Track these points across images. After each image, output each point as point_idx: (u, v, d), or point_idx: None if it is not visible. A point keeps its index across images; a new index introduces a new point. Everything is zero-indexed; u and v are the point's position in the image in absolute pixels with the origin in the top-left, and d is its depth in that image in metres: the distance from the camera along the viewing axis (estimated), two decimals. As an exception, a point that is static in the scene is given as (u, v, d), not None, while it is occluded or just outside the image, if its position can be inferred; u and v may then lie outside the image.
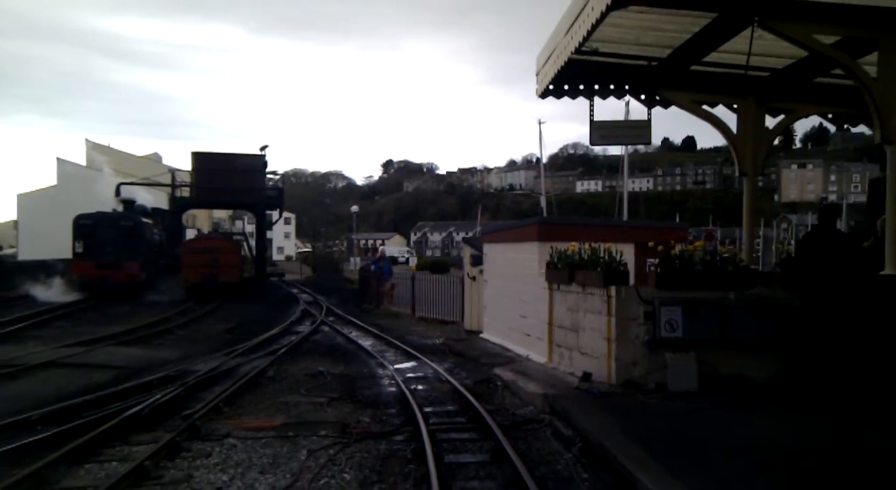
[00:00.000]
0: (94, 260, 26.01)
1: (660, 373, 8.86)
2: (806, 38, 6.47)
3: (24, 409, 8.40)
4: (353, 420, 8.54)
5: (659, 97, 9.43)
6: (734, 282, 8.97)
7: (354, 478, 6.38)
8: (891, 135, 6.43)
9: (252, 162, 32.20)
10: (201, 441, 7.43)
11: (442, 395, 10.25)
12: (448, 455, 7.08)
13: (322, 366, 12.22)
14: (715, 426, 7.22)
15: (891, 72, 6.38)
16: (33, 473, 6.00)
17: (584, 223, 14.88)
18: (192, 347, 14.61)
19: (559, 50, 8.15)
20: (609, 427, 7.22)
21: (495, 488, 6.18)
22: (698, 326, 8.86)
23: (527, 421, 8.47)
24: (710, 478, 5.48)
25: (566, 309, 10.85)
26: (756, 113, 9.26)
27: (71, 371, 11.24)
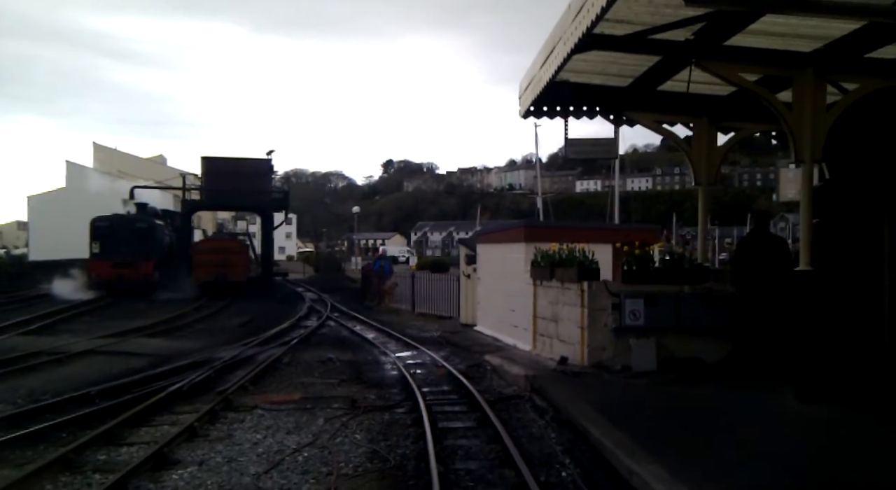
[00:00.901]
0: (111, 260, 27.43)
1: (625, 356, 10.29)
2: (733, 76, 7.89)
3: (80, 388, 9.84)
4: (361, 397, 9.96)
5: (625, 117, 10.85)
6: (689, 277, 10.42)
7: (364, 438, 7.81)
8: (802, 155, 7.85)
9: (259, 166, 33.69)
10: (234, 411, 8.87)
11: (438, 377, 11.68)
12: (441, 422, 8.51)
13: (331, 354, 13.68)
14: (662, 396, 8.67)
15: (801, 104, 7.78)
16: (105, 432, 7.44)
17: (566, 226, 16.34)
18: (212, 339, 16.06)
19: (536, 79, 9.57)
20: (576, 399, 8.65)
21: (479, 444, 7.60)
22: (658, 316, 10.29)
23: (510, 397, 9.89)
24: (642, 427, 6.93)
25: (548, 302, 12.29)
26: (709, 131, 10.69)
27: (110, 358, 12.71)
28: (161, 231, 30.66)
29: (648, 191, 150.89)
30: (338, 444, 7.55)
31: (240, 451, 7.12)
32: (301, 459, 6.91)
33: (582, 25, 7.07)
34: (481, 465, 6.79)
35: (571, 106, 10.71)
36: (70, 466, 6.43)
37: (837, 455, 6.19)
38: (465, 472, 6.56)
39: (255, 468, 6.57)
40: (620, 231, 13.97)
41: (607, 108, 10.72)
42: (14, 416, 8.15)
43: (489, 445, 7.52)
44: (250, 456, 6.98)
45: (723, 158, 10.87)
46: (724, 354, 10.26)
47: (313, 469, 6.60)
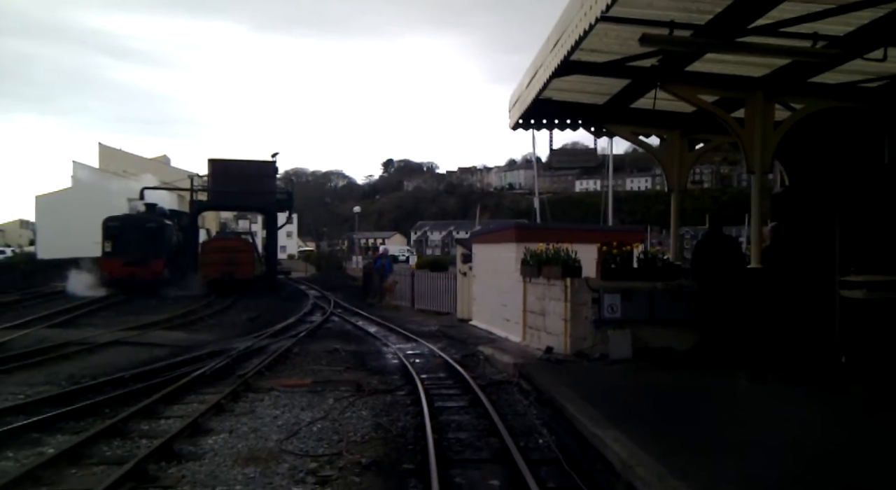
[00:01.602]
0: (122, 258, 28.54)
1: (604, 345, 11.41)
2: (693, 98, 8.99)
3: (113, 373, 10.97)
4: (365, 381, 11.07)
5: (605, 129, 11.98)
6: (661, 274, 11.55)
7: (369, 414, 8.92)
8: (753, 167, 8.96)
9: (264, 168, 34.84)
10: (254, 392, 10.00)
11: (435, 365, 12.81)
12: (437, 402, 9.62)
13: (336, 345, 14.81)
14: (632, 380, 9.80)
15: (752, 122, 8.88)
16: (144, 408, 8.56)
17: (554, 227, 17.49)
18: (224, 332, 17.18)
19: (523, 97, 10.70)
20: (556, 382, 9.75)
21: (469, 419, 8.72)
22: (633, 309, 11.41)
23: (499, 382, 11.00)
24: (612, 404, 8.05)
25: (536, 298, 13.41)
26: (680, 142, 11.80)
27: (134, 348, 13.85)
28: (170, 231, 31.78)
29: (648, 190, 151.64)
30: (346, 418, 8.66)
31: (262, 423, 8.24)
32: (315, 430, 8.03)
33: (560, 54, 8.18)
34: (471, 435, 7.91)
35: (556, 119, 11.84)
36: (119, 434, 7.55)
37: (765, 419, 7.33)
38: (456, 440, 7.68)
39: (277, 435, 7.69)
40: (604, 232, 15.11)
41: (588, 122, 11.84)
42: (60, 395, 9.27)
43: (479, 420, 8.64)
44: (271, 427, 8.10)
45: (692, 166, 11.97)
46: (692, 344, 11.38)
47: (326, 437, 7.72)
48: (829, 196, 10.77)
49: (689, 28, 7.27)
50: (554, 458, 6.98)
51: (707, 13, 7.07)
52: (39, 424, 7.77)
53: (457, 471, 6.60)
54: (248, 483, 6.09)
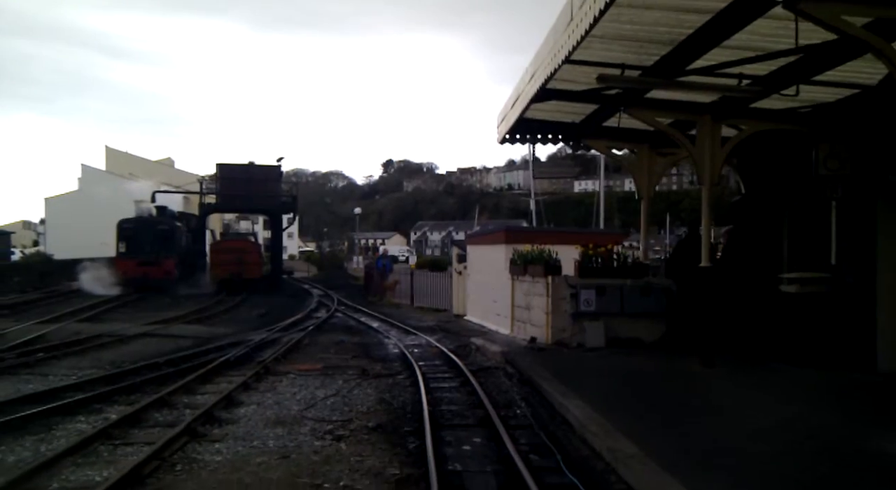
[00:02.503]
0: (136, 258, 30.03)
1: (581, 335, 12.91)
2: (651, 120, 10.47)
3: (147, 359, 12.45)
4: (370, 367, 12.56)
5: (583, 143, 13.48)
6: (631, 273, 13.04)
7: (374, 392, 10.40)
8: (703, 179, 10.44)
9: (269, 172, 36.37)
10: (273, 375, 11.49)
11: (432, 354, 14.29)
12: (433, 383, 11.09)
13: (342, 337, 16.32)
14: (603, 364, 11.30)
15: (702, 141, 10.36)
16: (182, 386, 10.04)
17: (540, 230, 19.00)
18: (239, 326, 18.67)
19: (507, 117, 12.18)
20: (536, 366, 11.24)
21: (460, 396, 10.19)
22: (606, 303, 12.90)
23: (488, 367, 12.48)
24: (579, 382, 9.53)
25: (522, 294, 14.91)
26: (649, 155, 13.29)
27: (161, 339, 15.35)
28: (180, 232, 33.27)
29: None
30: (354, 395, 10.15)
31: (284, 398, 9.74)
32: (329, 403, 9.52)
33: (536, 84, 9.67)
34: (460, 407, 9.40)
35: (538, 135, 13.35)
36: (166, 405, 9.04)
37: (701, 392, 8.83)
38: (447, 411, 9.16)
39: (297, 407, 9.18)
40: (585, 234, 16.61)
41: (567, 137, 13.35)
42: (107, 377, 10.77)
43: (467, 397, 10.13)
44: (292, 401, 9.59)
45: (661, 176, 13.47)
46: (660, 335, 12.89)
47: (338, 408, 9.21)
48: (777, 204, 12.30)
49: (639, 69, 8.76)
50: (528, 424, 8.46)
51: (654, 56, 8.55)
52: (98, 398, 9.27)
53: (447, 432, 8.08)
54: (278, 438, 7.58)
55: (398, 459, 6.91)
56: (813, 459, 6.03)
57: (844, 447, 6.39)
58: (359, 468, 6.57)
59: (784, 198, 12.05)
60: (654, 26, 7.64)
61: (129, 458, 6.60)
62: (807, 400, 8.42)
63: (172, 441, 7.11)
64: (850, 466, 5.87)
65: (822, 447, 6.39)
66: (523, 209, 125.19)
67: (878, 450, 6.19)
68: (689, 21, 7.38)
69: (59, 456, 6.55)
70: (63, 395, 9.28)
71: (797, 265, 11.58)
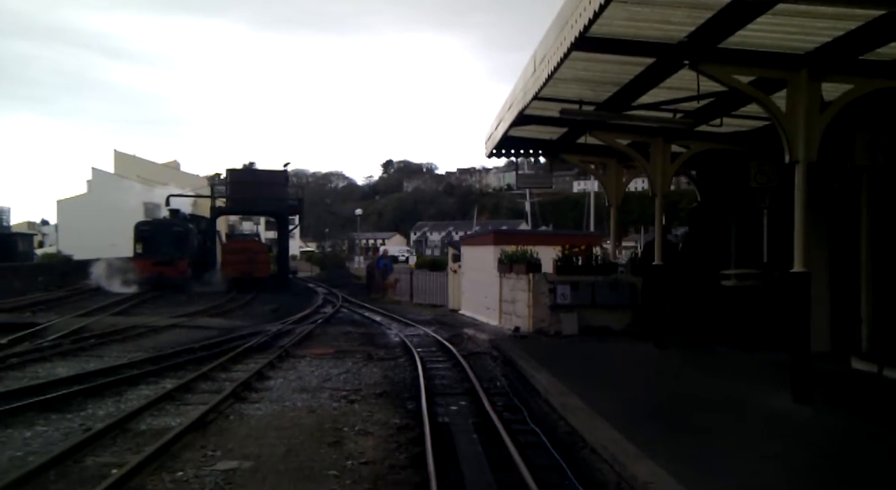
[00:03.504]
0: (152, 259, 31.96)
1: (558, 324, 14.87)
2: (612, 141, 12.44)
3: (183, 345, 14.41)
4: (375, 352, 14.52)
5: (559, 157, 15.46)
6: (602, 270, 15.02)
7: (379, 370, 12.36)
8: (655, 190, 12.39)
9: (276, 176, 38.39)
10: (293, 357, 13.46)
11: (429, 342, 16.25)
12: (429, 364, 13.04)
13: (349, 328, 18.28)
14: (574, 347, 13.26)
15: (655, 158, 12.31)
16: (218, 365, 12.00)
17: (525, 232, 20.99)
18: (255, 319, 20.64)
19: (493, 136, 14.14)
20: (518, 350, 13.20)
21: (451, 374, 12.15)
22: (580, 297, 14.87)
23: (477, 352, 14.44)
24: (550, 360, 11.49)
25: (508, 289, 16.88)
26: (617, 168, 15.26)
27: (189, 330, 17.32)
28: (192, 234, 35.20)
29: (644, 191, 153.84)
30: (363, 373, 12.12)
31: (304, 374, 11.71)
32: (341, 378, 11.48)
33: (514, 112, 11.62)
34: (451, 382, 11.36)
35: (521, 150, 15.34)
36: (209, 378, 11.00)
37: (648, 366, 10.80)
38: (440, 384, 11.13)
39: (316, 380, 11.15)
40: (565, 236, 18.59)
41: (546, 152, 15.33)
42: (153, 358, 12.74)
43: (458, 374, 12.09)
44: (311, 376, 11.55)
45: (626, 186, 15.46)
46: (626, 323, 14.87)
47: (350, 381, 11.18)
48: (725, 210, 14.28)
49: (595, 104, 10.74)
50: (505, 392, 10.43)
51: (606, 93, 10.51)
52: (152, 373, 11.25)
53: (439, 398, 10.03)
54: (304, 401, 9.55)
55: (399, 415, 8.89)
56: (709, 411, 7.99)
57: (738, 404, 8.36)
58: (369, 419, 8.55)
59: (730, 206, 14.02)
60: (602, 73, 9.60)
61: (192, 411, 8.56)
62: (729, 374, 10.38)
63: (222, 401, 9.08)
64: (734, 415, 7.82)
65: (722, 405, 8.36)
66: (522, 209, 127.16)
67: (761, 404, 8.14)
68: (629, 70, 9.34)
69: (139, 410, 8.52)
70: (122, 371, 11.27)
71: (742, 263, 13.55)
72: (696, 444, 6.53)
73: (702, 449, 6.40)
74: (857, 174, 9.93)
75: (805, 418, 7.34)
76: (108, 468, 6.31)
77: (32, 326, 16.56)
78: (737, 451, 6.29)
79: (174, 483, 6.03)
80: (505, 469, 6.58)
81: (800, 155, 7.81)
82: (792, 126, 7.78)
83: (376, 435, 7.86)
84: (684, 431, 6.99)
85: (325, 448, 7.23)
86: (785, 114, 7.86)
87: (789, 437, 6.73)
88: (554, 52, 8.04)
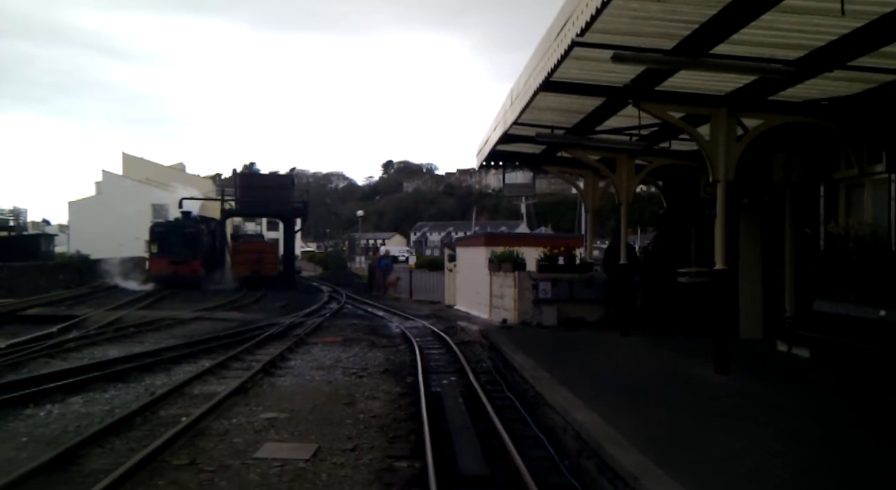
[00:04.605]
0: (167, 258, 33.97)
1: (539, 316, 16.83)
2: (584, 157, 14.42)
3: (210, 333, 16.40)
4: (378, 340, 16.51)
5: (542, 168, 17.44)
6: (578, 269, 17.00)
7: (382, 355, 14.34)
8: (621, 200, 14.36)
9: (283, 180, 40.53)
10: (307, 344, 15.46)
11: (426, 333, 18.24)
12: (425, 350, 15.04)
13: (354, 321, 20.29)
14: (552, 335, 15.24)
15: (621, 171, 14.26)
16: (244, 350, 13.99)
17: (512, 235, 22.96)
18: (269, 313, 22.65)
19: (483, 149, 16.12)
20: (503, 338, 15.16)
21: (445, 358, 14.14)
22: (559, 292, 16.84)
23: (468, 341, 16.45)
24: (528, 345, 13.46)
25: (497, 286, 18.86)
26: (593, 179, 17.24)
27: (212, 322, 19.32)
28: (204, 234, 37.24)
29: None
30: (368, 356, 14.11)
31: (318, 357, 13.70)
32: (351, 360, 13.47)
33: (498, 133, 13.60)
34: (444, 363, 13.36)
35: (508, 161, 17.33)
36: (238, 360, 12.98)
37: (612, 350, 12.79)
38: (434, 365, 13.12)
39: (329, 361, 13.13)
40: (549, 239, 20.61)
41: (530, 164, 17.36)
42: (186, 344, 14.72)
43: (450, 357, 14.09)
44: (324, 358, 13.54)
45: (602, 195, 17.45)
46: (599, 315, 16.83)
47: (358, 362, 13.16)
48: (686, 216, 16.24)
49: (564, 128, 12.73)
50: (489, 370, 12.44)
51: (575, 119, 12.49)
52: (189, 355, 13.25)
53: (433, 375, 12.03)
54: (321, 375, 11.54)
55: (400, 386, 10.88)
56: (646, 378, 9.98)
57: (670, 374, 10.34)
58: (375, 389, 10.55)
59: (690, 213, 15.99)
60: (569, 104, 11.57)
61: (232, 381, 10.54)
62: (673, 354, 12.34)
63: (254, 375, 11.08)
64: (665, 381, 9.80)
65: (657, 374, 10.34)
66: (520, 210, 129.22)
67: (689, 374, 10.12)
68: (590, 103, 11.32)
69: (188, 381, 10.51)
70: (164, 354, 13.26)
71: (700, 263, 15.50)
72: (628, 399, 8.49)
73: (631, 402, 8.36)
74: (782, 188, 11.91)
75: (718, 383, 9.31)
76: (178, 417, 8.29)
77: (72, 318, 18.56)
78: (657, 403, 8.26)
79: (231, 426, 8.03)
80: (482, 419, 8.57)
81: (720, 175, 9.78)
82: (714, 152, 9.74)
83: (381, 399, 9.86)
84: (622, 391, 8.96)
85: (341, 406, 9.23)
86: (708, 142, 9.83)
87: (702, 395, 8.70)
88: (525, 93, 10.03)
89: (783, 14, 6.83)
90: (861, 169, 9.87)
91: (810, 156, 11.20)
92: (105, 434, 7.37)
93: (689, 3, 6.92)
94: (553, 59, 8.36)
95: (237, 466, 6.50)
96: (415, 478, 6.29)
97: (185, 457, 6.71)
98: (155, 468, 6.33)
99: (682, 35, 7.67)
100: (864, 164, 9.78)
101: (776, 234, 12.42)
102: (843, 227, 9.99)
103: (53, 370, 11.12)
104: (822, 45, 7.63)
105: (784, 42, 7.66)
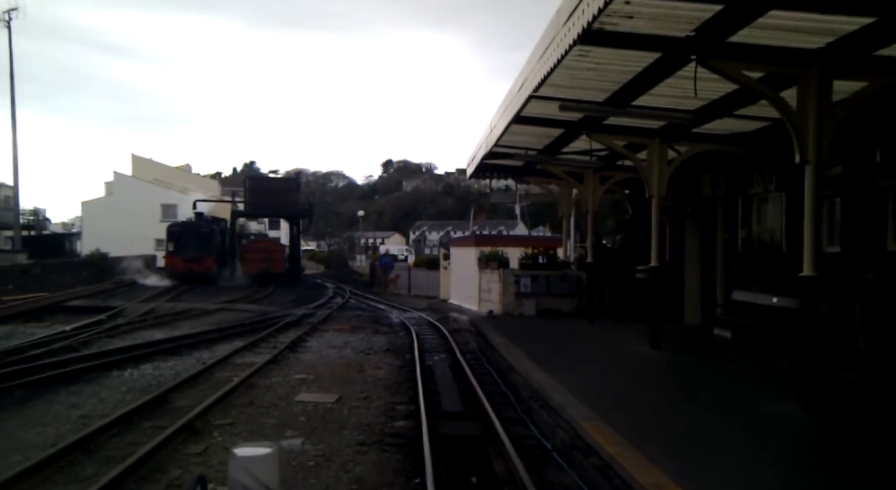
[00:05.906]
0: (183, 256, 36.50)
1: (521, 308, 19.40)
2: (558, 172, 16.98)
3: (234, 322, 18.95)
4: (380, 328, 19.07)
5: (524, 179, 19.98)
6: (555, 267, 19.57)
7: (384, 340, 16.89)
8: (587, 207, 16.91)
9: (290, 183, 43.24)
10: (319, 331, 18.02)
11: (422, 322, 20.81)
12: (422, 336, 17.58)
13: (359, 313, 22.83)
14: (529, 323, 17.80)
15: (587, 183, 16.79)
16: (267, 334, 16.53)
17: (499, 236, 25.52)
18: (282, 306, 25.19)
19: (472, 161, 18.69)
20: (489, 326, 17.72)
21: (438, 342, 16.69)
22: (538, 287, 19.41)
23: (459, 329, 18.99)
24: (509, 330, 16.02)
25: (485, 281, 21.43)
26: (567, 188, 19.79)
27: (233, 312, 21.89)
28: (216, 234, 39.78)
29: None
30: (373, 340, 16.67)
31: (330, 340, 16.26)
32: (358, 343, 16.03)
33: (483, 151, 16.15)
34: (437, 346, 15.91)
35: (495, 173, 19.91)
36: (264, 341, 15.54)
37: (576, 333, 15.35)
38: (429, 347, 15.67)
39: (340, 343, 15.69)
40: (531, 240, 23.20)
41: (514, 175, 19.91)
42: (217, 329, 17.25)
43: (442, 341, 16.64)
44: (336, 341, 16.10)
45: (576, 203, 20.01)
46: (573, 307, 19.39)
47: (364, 344, 15.72)
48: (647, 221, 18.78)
49: (536, 149, 15.30)
50: (473, 350, 14.99)
51: (545, 142, 15.04)
52: (222, 338, 15.82)
53: (427, 354, 14.56)
54: (334, 353, 14.10)
55: (400, 360, 13.45)
56: (595, 353, 12.53)
57: (615, 349, 12.90)
58: (380, 362, 13.12)
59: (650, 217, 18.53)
60: (537, 132, 14.11)
61: (265, 355, 13.09)
62: (623, 336, 14.83)
63: (281, 351, 13.65)
64: (610, 355, 12.35)
65: (604, 350, 12.91)
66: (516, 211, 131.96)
67: (631, 350, 12.67)
68: (553, 133, 13.88)
69: (229, 355, 13.07)
70: (202, 336, 15.82)
71: (658, 261, 18.06)
72: (576, 366, 11.04)
73: (578, 368, 10.89)
74: (715, 200, 14.47)
75: (651, 356, 11.88)
76: (230, 377, 10.84)
77: (111, 309, 21.11)
78: (597, 369, 10.79)
79: (272, 383, 10.59)
80: (463, 382, 11.12)
81: (654, 191, 12.33)
82: (649, 173, 12.29)
83: (385, 369, 12.43)
84: (573, 361, 11.52)
85: (354, 373, 11.80)
86: (645, 164, 12.38)
87: (632, 363, 11.27)
88: (501, 124, 12.59)
89: (681, 80, 9.37)
90: (765, 187, 12.44)
91: (732, 175, 13.77)
92: (181, 387, 9.94)
93: (613, 70, 9.45)
94: (517, 105, 10.94)
95: (283, 405, 9.08)
96: (411, 412, 8.86)
97: (245, 399, 9.30)
98: (226, 405, 8.90)
99: (612, 90, 10.21)
100: (767, 183, 12.35)
101: (711, 237, 14.99)
102: (753, 232, 12.59)
103: (120, 346, 13.68)
104: (717, 98, 10.18)
105: (687, 96, 10.21)
